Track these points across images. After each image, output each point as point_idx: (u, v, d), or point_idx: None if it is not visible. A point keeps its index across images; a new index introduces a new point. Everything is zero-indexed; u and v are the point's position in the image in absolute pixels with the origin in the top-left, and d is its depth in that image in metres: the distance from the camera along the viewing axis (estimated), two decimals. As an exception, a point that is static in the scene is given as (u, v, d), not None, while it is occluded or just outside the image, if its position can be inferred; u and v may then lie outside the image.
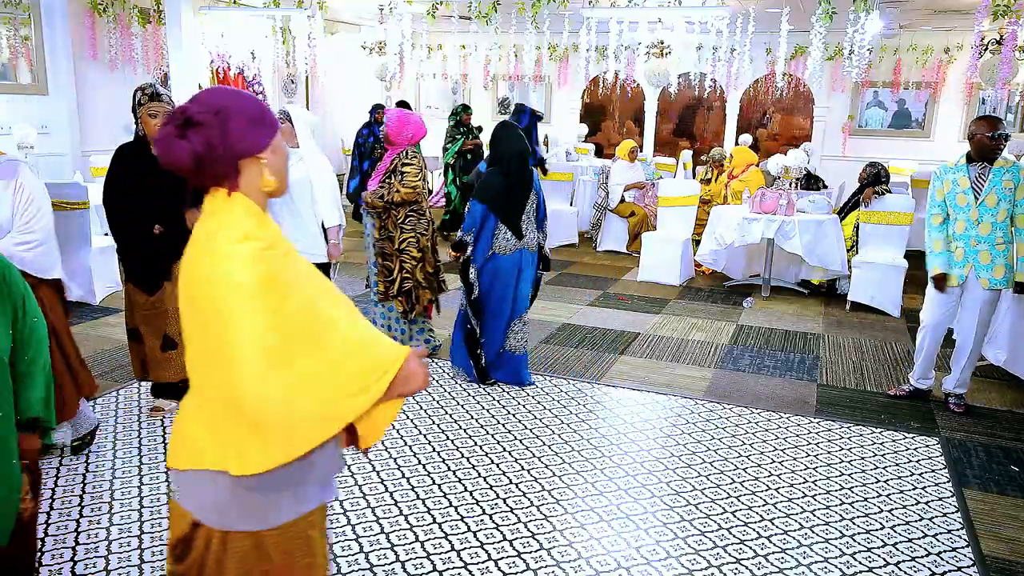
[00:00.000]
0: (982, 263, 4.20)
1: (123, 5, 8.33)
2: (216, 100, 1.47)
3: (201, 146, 1.44)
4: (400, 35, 8.72)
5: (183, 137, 1.44)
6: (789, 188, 7.18)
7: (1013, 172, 4.11)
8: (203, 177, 1.48)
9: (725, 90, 11.53)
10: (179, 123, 1.44)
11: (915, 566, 2.87)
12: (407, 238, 4.63)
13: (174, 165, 1.46)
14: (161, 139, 1.46)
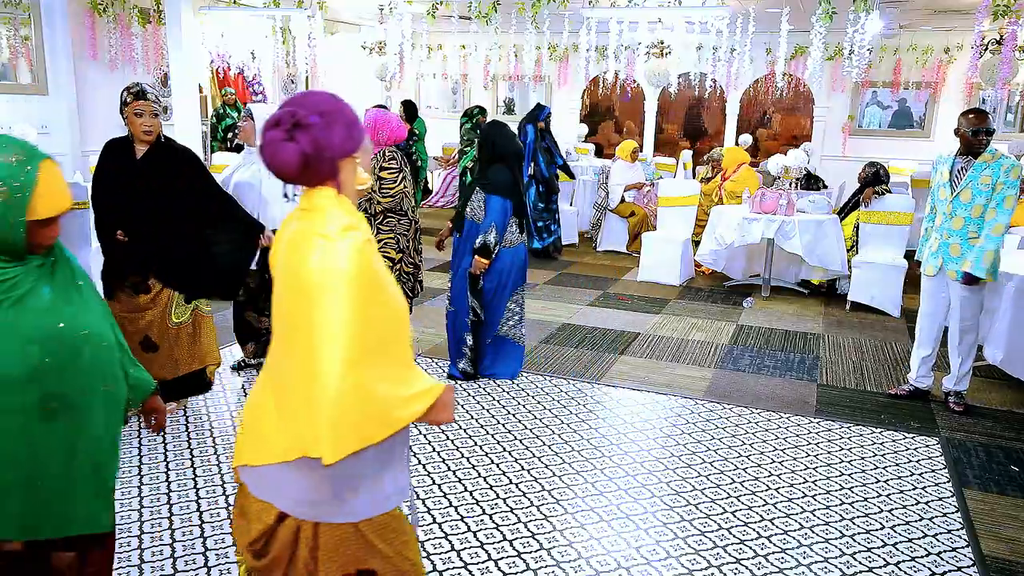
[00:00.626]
0: (952, 255, 4.23)
1: (123, 5, 8.33)
2: (320, 103, 1.53)
3: (309, 147, 1.50)
4: (400, 35, 8.72)
5: (292, 139, 1.49)
6: (789, 188, 7.18)
7: (994, 168, 4.08)
8: (306, 177, 1.54)
9: (725, 90, 11.53)
10: (288, 127, 1.50)
11: (915, 566, 2.87)
12: (385, 239, 4.50)
13: (280, 166, 1.52)
14: (269, 142, 1.51)
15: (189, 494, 3.19)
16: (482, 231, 4.32)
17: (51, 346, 1.67)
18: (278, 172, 1.54)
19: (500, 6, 7.81)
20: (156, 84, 9.07)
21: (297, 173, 1.52)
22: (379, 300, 1.51)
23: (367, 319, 1.46)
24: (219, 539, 2.87)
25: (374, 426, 1.48)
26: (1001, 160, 4.10)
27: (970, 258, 4.13)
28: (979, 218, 4.14)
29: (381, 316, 1.51)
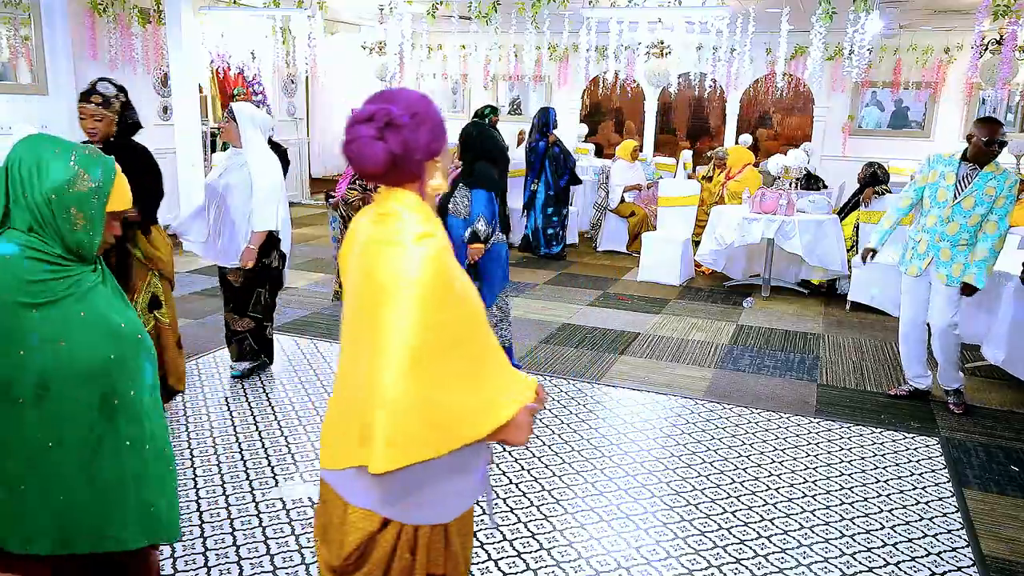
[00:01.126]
0: (942, 259, 4.23)
1: (123, 5, 8.33)
2: (413, 103, 1.50)
3: (398, 147, 1.46)
4: (400, 35, 8.72)
5: (381, 138, 1.46)
6: (789, 188, 7.18)
7: (999, 180, 4.08)
8: (391, 177, 1.51)
9: (725, 90, 11.53)
10: (381, 125, 1.46)
11: (915, 566, 2.87)
12: None
13: (366, 164, 1.48)
14: (356, 139, 1.47)
15: (189, 494, 3.19)
16: (471, 223, 4.33)
17: (115, 343, 1.71)
18: (362, 169, 1.50)
19: (500, 6, 7.81)
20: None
21: (382, 172, 1.49)
22: (452, 303, 1.46)
23: (437, 324, 1.42)
24: (219, 539, 2.87)
25: (437, 437, 1.42)
26: (1006, 173, 4.11)
27: (972, 271, 4.14)
28: (974, 227, 4.14)
29: (454, 318, 1.46)
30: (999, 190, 4.07)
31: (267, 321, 4.50)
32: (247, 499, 3.17)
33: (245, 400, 4.21)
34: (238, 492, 3.22)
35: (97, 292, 1.73)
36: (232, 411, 4.06)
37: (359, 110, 1.50)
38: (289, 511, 3.08)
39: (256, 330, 4.45)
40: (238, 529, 2.94)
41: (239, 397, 4.25)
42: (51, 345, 1.63)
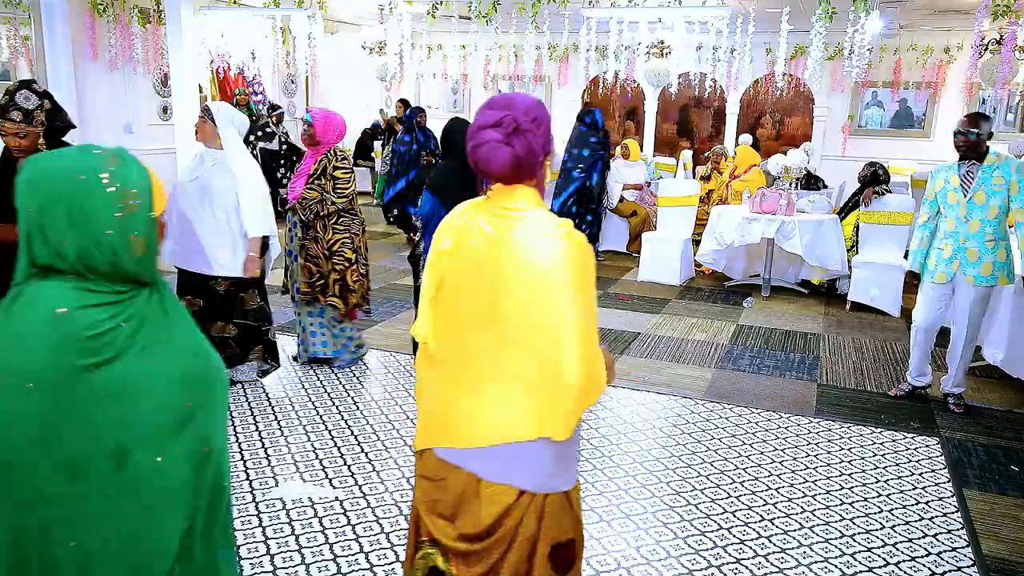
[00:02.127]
0: (969, 260, 4.19)
1: (123, 5, 8.33)
2: (531, 109, 1.65)
3: (523, 151, 1.62)
4: (400, 35, 8.71)
5: (508, 143, 1.61)
6: (789, 188, 7.18)
7: (1003, 168, 4.07)
8: (514, 177, 1.65)
9: (725, 90, 11.53)
10: (508, 131, 1.61)
11: (915, 566, 2.87)
12: (340, 239, 4.43)
13: (494, 167, 1.63)
14: (485, 143, 1.62)
15: (189, 494, 3.19)
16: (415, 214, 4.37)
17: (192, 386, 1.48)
18: (489, 170, 1.64)
19: (500, 6, 7.81)
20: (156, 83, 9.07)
21: (507, 173, 1.63)
22: (593, 288, 1.63)
23: (592, 302, 1.61)
24: (219, 539, 2.87)
25: (593, 398, 1.63)
26: (1009, 160, 4.10)
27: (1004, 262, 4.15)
28: (995, 220, 4.12)
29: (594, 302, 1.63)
30: (1007, 176, 4.05)
31: (266, 325, 4.38)
32: (247, 499, 3.17)
33: (245, 400, 4.21)
34: (238, 492, 3.22)
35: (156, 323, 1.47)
36: (232, 411, 4.06)
37: (483, 116, 1.64)
38: (289, 511, 3.08)
39: (242, 334, 4.29)
40: (238, 529, 2.94)
41: (239, 397, 4.25)
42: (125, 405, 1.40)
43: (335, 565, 2.73)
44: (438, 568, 1.76)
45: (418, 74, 13.30)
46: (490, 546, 1.69)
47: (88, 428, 1.38)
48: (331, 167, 4.35)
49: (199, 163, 4.10)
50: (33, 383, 1.33)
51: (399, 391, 4.40)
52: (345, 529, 2.96)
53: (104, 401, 1.38)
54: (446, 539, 1.74)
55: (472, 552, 1.71)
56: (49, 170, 1.37)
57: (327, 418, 4.00)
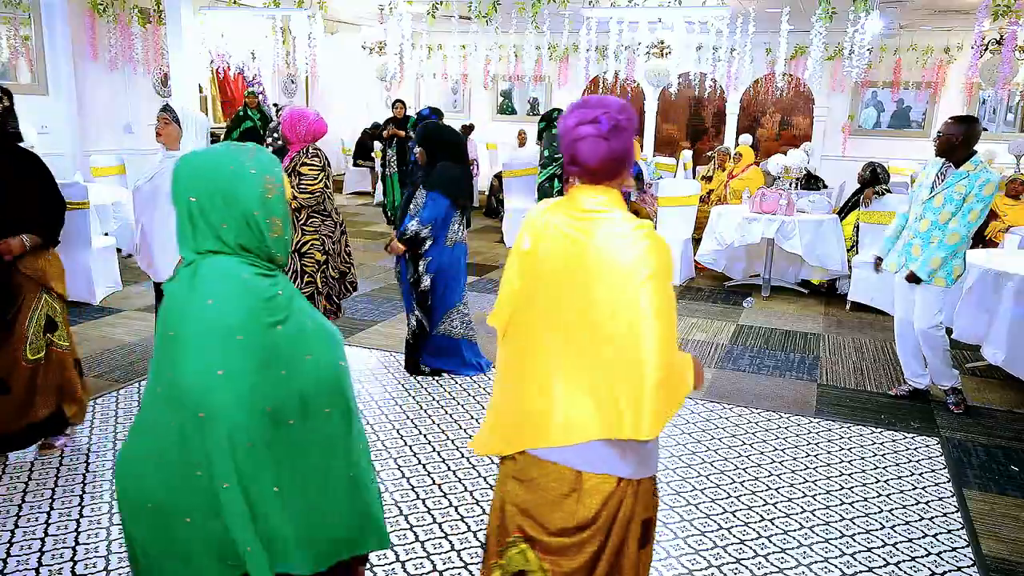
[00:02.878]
0: (913, 255, 4.27)
1: (123, 5, 8.34)
2: (624, 108, 1.70)
3: (620, 147, 1.68)
4: (400, 35, 8.72)
5: (607, 139, 1.67)
6: (789, 188, 7.18)
7: (971, 179, 4.08)
8: (601, 175, 1.70)
9: (725, 90, 11.53)
10: (608, 128, 1.66)
11: (915, 566, 2.87)
12: (310, 240, 4.28)
13: (591, 162, 1.68)
14: (584, 138, 1.67)
15: (189, 494, 3.18)
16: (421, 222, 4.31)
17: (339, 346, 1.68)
18: (585, 165, 1.68)
19: (500, 6, 7.82)
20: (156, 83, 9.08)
21: (603, 168, 1.69)
22: (671, 287, 1.68)
23: (672, 300, 1.65)
24: (219, 539, 2.87)
25: (680, 397, 1.68)
26: (980, 173, 4.10)
27: (917, 258, 4.20)
28: (944, 225, 4.16)
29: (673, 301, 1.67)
30: (969, 188, 4.08)
31: None
32: (247, 499, 3.16)
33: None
34: (238, 492, 3.21)
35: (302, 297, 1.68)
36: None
37: (580, 114, 1.68)
38: (289, 511, 3.08)
39: None
40: (238, 529, 2.94)
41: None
42: (301, 360, 1.58)
43: (335, 565, 2.73)
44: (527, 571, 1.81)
45: (418, 74, 13.31)
46: (589, 536, 1.74)
47: (281, 379, 1.54)
48: (299, 164, 4.23)
49: (158, 165, 3.90)
50: (241, 335, 1.50)
51: (399, 391, 4.40)
52: (345, 529, 2.96)
53: (290, 355, 1.56)
54: (541, 535, 1.78)
55: (569, 546, 1.76)
56: (203, 164, 1.58)
57: (327, 418, 4.00)
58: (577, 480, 1.73)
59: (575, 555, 1.76)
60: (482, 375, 4.65)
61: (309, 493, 1.62)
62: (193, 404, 1.48)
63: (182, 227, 1.60)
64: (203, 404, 1.47)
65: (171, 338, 1.52)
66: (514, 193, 9.23)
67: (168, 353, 1.53)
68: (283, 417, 1.55)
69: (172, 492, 1.54)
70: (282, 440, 1.56)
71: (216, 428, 1.48)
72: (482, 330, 5.07)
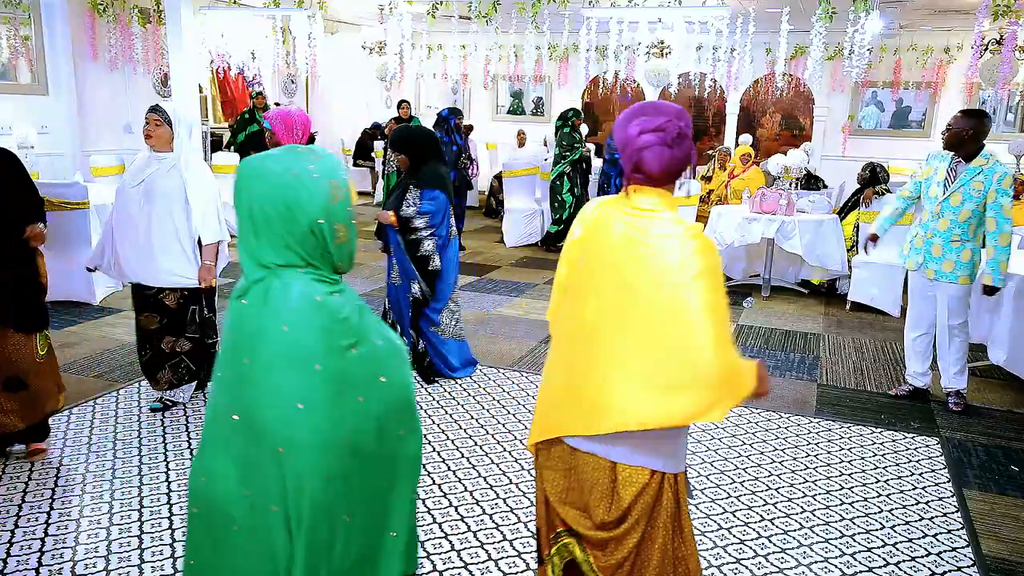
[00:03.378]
0: (932, 255, 4.24)
1: (123, 5, 8.33)
2: (684, 115, 1.77)
3: (682, 154, 1.76)
4: (400, 35, 8.72)
5: (671, 147, 1.73)
6: (789, 188, 7.18)
7: (987, 174, 4.04)
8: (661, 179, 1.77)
9: (725, 90, 11.53)
10: (672, 136, 1.73)
11: (915, 566, 2.87)
12: None
13: (655, 168, 1.74)
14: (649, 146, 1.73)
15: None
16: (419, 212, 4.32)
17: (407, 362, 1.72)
18: (649, 171, 1.75)
19: (500, 6, 7.81)
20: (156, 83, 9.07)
21: (663, 176, 1.75)
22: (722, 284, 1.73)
23: (723, 302, 1.71)
24: (219, 539, 2.87)
25: (738, 391, 1.71)
26: (994, 167, 4.06)
27: (987, 271, 4.12)
28: (965, 223, 4.12)
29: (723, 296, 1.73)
30: (987, 184, 4.04)
31: (211, 336, 4.04)
32: (247, 499, 3.16)
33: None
34: (238, 492, 3.22)
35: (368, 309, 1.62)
36: (232, 411, 4.06)
37: (641, 122, 1.74)
38: (289, 511, 3.08)
39: (196, 349, 3.98)
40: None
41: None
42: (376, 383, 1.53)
43: (335, 565, 2.73)
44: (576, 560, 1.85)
45: (418, 74, 13.31)
46: (628, 530, 1.78)
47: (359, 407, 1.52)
48: None
49: (144, 167, 3.77)
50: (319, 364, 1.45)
51: (399, 391, 4.40)
52: (345, 529, 2.96)
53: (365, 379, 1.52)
54: (583, 528, 1.82)
55: (610, 539, 1.79)
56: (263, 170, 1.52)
57: (327, 418, 3.99)
58: (613, 471, 1.77)
59: (616, 549, 1.79)
60: (484, 376, 4.65)
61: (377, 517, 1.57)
62: (273, 438, 1.45)
63: (245, 238, 1.53)
64: (283, 439, 1.44)
65: (247, 366, 1.47)
66: (514, 193, 9.23)
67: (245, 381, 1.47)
68: (361, 446, 1.51)
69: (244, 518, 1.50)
70: (358, 469, 1.51)
71: (295, 464, 1.44)
72: (470, 328, 5.06)
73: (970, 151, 4.11)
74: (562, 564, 1.88)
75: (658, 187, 1.78)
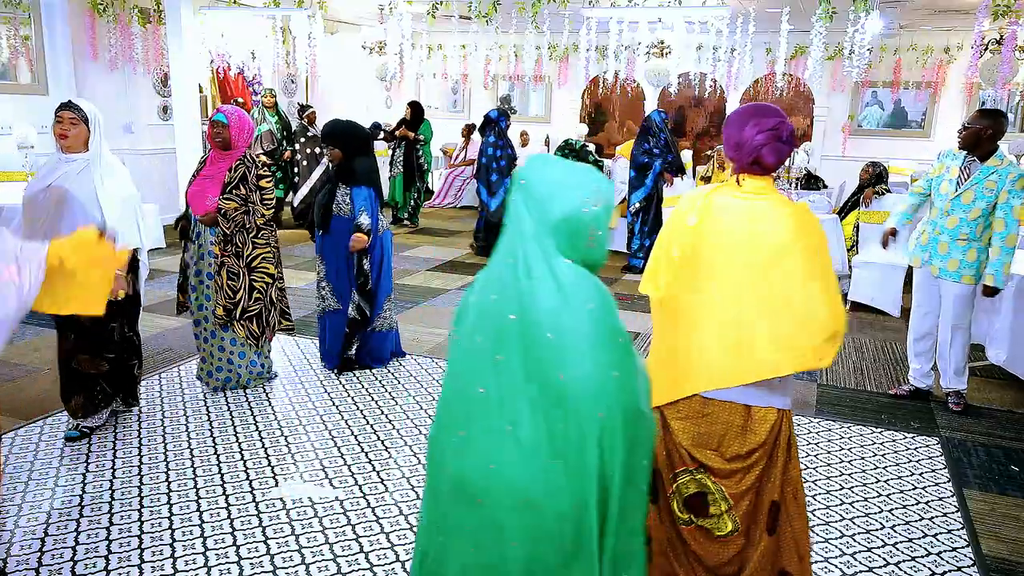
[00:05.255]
0: (939, 252, 4.23)
1: (123, 5, 8.33)
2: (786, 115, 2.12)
3: (789, 148, 2.13)
4: (400, 35, 8.72)
5: (787, 144, 2.11)
6: (789, 188, 7.18)
7: (1001, 175, 4.03)
8: (776, 168, 2.14)
9: (725, 90, 11.53)
10: (787, 134, 2.10)
11: (915, 566, 2.87)
12: (262, 254, 4.06)
13: (776, 164, 2.11)
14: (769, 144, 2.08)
15: (189, 494, 3.19)
16: (356, 215, 4.34)
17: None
18: (771, 166, 2.11)
19: (500, 6, 7.81)
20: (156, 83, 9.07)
21: (776, 165, 2.12)
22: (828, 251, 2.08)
23: (829, 264, 2.06)
24: (219, 539, 2.87)
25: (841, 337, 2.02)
26: (1008, 168, 4.05)
27: (990, 271, 4.10)
28: (974, 222, 4.11)
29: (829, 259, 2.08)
30: (1000, 184, 4.03)
31: (133, 359, 3.81)
32: (247, 499, 3.17)
33: (245, 400, 4.21)
34: (238, 492, 3.22)
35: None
36: (232, 411, 4.06)
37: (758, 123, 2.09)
38: (289, 511, 3.08)
39: (112, 372, 3.70)
40: (238, 529, 2.94)
41: (239, 397, 4.25)
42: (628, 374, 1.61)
43: (335, 565, 2.73)
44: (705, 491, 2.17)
45: (418, 74, 13.31)
46: (757, 459, 2.13)
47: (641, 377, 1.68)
48: (253, 176, 3.95)
49: (52, 170, 3.45)
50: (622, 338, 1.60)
51: (399, 391, 4.40)
52: (345, 529, 2.96)
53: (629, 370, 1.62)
54: (716, 464, 2.15)
55: (740, 470, 2.14)
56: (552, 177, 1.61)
57: (327, 418, 4.00)
58: (747, 413, 2.12)
59: (743, 477, 2.14)
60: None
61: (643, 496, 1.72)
62: (590, 405, 1.51)
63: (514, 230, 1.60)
64: (603, 404, 1.52)
65: (550, 341, 1.53)
66: None
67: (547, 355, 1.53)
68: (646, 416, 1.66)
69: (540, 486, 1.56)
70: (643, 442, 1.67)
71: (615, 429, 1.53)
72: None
73: (986, 151, 4.10)
74: (683, 497, 2.19)
75: (765, 176, 2.13)
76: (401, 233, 9.57)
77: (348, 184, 4.40)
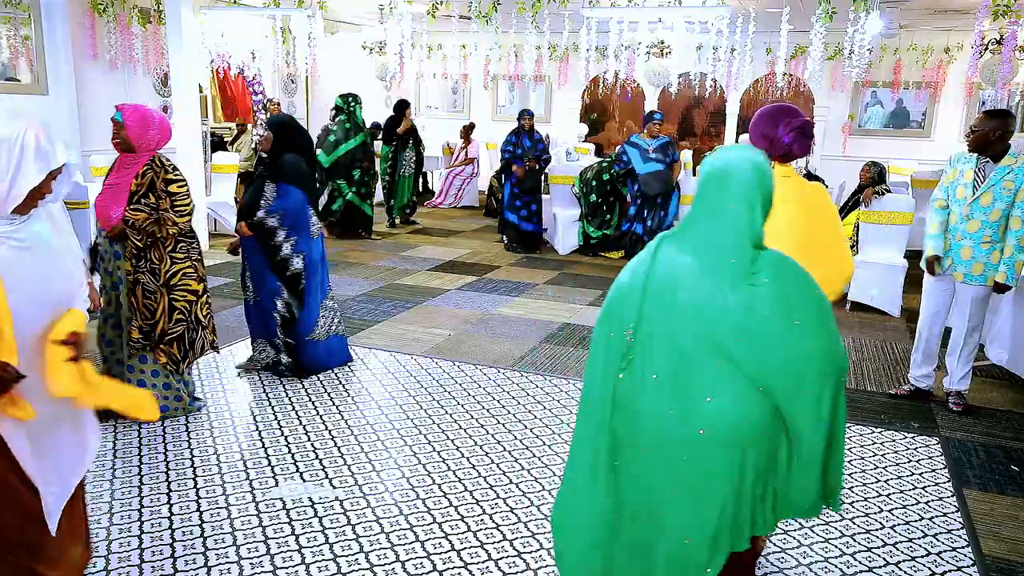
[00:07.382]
0: (962, 258, 4.19)
1: (123, 5, 8.33)
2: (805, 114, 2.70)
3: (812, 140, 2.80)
4: (400, 35, 8.72)
5: (811, 138, 2.78)
6: (789, 188, 7.16)
7: (1017, 173, 3.99)
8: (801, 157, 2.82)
9: (725, 90, 11.53)
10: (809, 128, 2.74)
11: (915, 566, 2.87)
12: (183, 269, 3.69)
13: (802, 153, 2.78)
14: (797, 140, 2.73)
15: (189, 494, 3.19)
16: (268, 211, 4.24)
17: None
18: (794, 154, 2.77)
19: (500, 6, 7.81)
20: (156, 83, 9.07)
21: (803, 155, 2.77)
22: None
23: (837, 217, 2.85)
24: (219, 539, 2.87)
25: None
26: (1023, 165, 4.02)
27: (1001, 268, 4.08)
28: (996, 223, 4.07)
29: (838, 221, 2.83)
30: (1018, 183, 3.99)
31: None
32: (247, 499, 3.17)
33: (244, 400, 4.21)
34: (238, 492, 3.22)
35: None
36: (232, 411, 4.06)
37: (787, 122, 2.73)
38: (289, 511, 3.08)
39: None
40: (238, 529, 2.94)
41: (239, 397, 4.25)
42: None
43: (335, 565, 2.73)
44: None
45: (418, 74, 13.31)
46: None
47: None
48: (161, 181, 3.56)
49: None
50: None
51: (399, 391, 4.40)
52: (345, 529, 2.96)
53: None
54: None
55: None
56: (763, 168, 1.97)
57: (327, 418, 4.00)
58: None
59: None
60: (484, 376, 4.65)
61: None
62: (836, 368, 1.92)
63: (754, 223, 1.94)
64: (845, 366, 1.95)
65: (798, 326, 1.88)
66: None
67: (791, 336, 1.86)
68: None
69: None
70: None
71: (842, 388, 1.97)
72: (470, 328, 5.04)
73: (998, 151, 4.06)
74: None
75: (788, 162, 2.76)
76: (401, 233, 9.56)
77: (274, 180, 4.30)
